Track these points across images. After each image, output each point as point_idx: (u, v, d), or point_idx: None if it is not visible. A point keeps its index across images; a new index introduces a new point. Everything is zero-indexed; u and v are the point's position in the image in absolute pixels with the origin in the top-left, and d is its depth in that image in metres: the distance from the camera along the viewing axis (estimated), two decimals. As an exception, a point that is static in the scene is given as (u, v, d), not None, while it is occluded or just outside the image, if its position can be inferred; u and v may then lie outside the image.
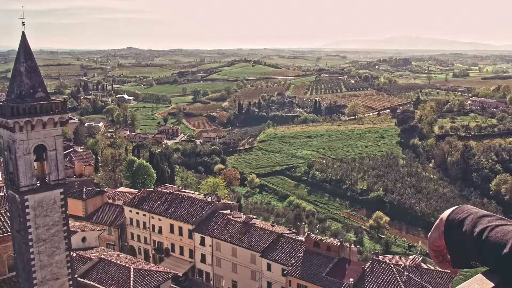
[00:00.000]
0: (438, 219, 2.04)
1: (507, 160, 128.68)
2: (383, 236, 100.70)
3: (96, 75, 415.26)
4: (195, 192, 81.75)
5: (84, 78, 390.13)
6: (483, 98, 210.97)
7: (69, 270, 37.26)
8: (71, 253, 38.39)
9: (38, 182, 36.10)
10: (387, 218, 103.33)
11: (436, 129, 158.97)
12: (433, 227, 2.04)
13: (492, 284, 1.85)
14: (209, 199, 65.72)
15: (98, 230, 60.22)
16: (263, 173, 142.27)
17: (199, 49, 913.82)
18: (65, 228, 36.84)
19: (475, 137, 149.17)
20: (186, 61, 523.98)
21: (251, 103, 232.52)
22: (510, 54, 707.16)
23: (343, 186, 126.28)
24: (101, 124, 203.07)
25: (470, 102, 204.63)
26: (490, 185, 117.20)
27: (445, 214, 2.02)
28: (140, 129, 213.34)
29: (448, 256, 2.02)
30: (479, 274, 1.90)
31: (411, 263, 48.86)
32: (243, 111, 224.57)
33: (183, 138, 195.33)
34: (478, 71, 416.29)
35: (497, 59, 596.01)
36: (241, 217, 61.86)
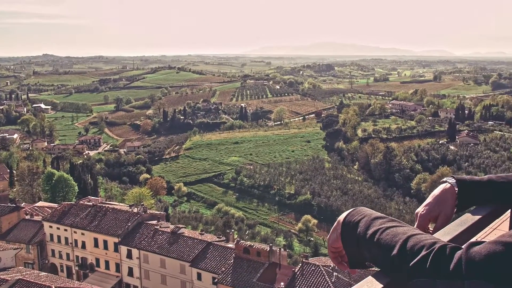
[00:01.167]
0: (336, 222, 2.08)
1: (426, 159, 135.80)
2: (312, 239, 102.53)
3: (9, 83, 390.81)
4: (120, 204, 79.14)
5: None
6: (402, 102, 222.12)
7: (-20, 295, 34.16)
8: (-18, 276, 35.22)
9: None
10: (315, 221, 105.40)
11: (359, 132, 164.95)
12: (331, 229, 2.08)
13: (381, 285, 1.88)
14: (135, 210, 63.65)
15: (14, 249, 56.16)
16: (191, 181, 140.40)
17: (121, 56, 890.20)
18: (-26, 249, 33.75)
19: (396, 138, 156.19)
20: (107, 68, 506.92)
21: (176, 110, 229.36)
22: (426, 59, 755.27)
23: (271, 191, 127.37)
24: (15, 135, 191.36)
25: (390, 105, 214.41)
26: (411, 184, 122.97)
27: (341, 217, 2.05)
28: (60, 140, 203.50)
29: (346, 257, 2.06)
30: (370, 276, 1.92)
31: (340, 264, 49.70)
32: (168, 119, 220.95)
33: (106, 148, 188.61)
34: (397, 75, 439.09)
35: (414, 64, 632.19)
36: (169, 227, 60.47)
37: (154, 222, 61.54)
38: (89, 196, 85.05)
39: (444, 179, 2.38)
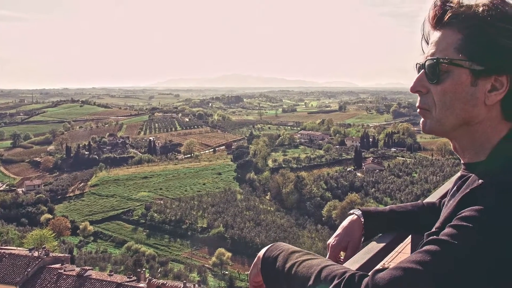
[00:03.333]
0: (256, 257, 2.10)
1: (335, 187, 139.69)
2: (227, 272, 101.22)
3: None
4: (18, 248, 73.11)
5: None
6: (310, 131, 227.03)
7: None
8: None
9: None
10: (229, 254, 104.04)
11: (270, 163, 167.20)
12: (252, 265, 2.12)
13: None
14: (36, 254, 59.05)
15: None
16: (97, 220, 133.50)
17: (18, 89, 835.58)
18: None
19: (305, 168, 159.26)
20: (2, 102, 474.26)
21: (81, 145, 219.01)
22: (331, 90, 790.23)
23: (183, 226, 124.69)
24: None
25: (299, 135, 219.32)
26: (322, 211, 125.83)
27: (261, 253, 2.08)
28: None
29: None
30: None
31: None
32: (71, 155, 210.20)
33: (2, 188, 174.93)
34: (304, 106, 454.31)
35: (320, 95, 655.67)
36: (74, 269, 56.73)
37: (58, 265, 57.63)
38: (-19, 242, 77.87)
39: (351, 211, 2.57)
